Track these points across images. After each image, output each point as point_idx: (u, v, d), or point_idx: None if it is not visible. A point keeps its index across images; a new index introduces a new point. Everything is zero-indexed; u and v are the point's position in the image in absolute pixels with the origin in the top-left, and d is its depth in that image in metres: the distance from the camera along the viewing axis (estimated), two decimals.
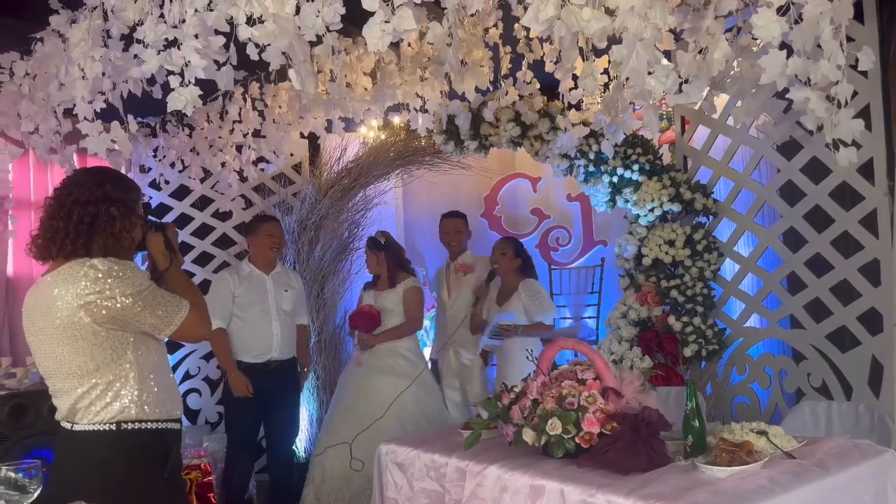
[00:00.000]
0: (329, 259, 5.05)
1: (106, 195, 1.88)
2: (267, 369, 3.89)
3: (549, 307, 3.99)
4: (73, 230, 1.80)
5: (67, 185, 1.91)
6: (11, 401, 3.26)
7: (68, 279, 1.76)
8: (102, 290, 1.74)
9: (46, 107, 3.60)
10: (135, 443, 1.80)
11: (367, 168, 4.92)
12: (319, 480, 3.81)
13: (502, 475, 1.94)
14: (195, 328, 1.90)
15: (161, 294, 1.85)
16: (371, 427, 3.60)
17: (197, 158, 4.54)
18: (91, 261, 1.78)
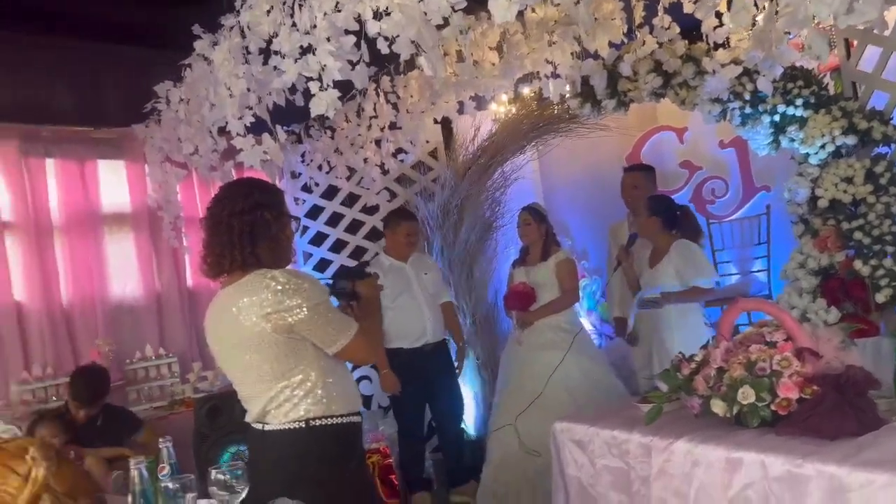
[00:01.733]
0: (474, 240, 5.07)
1: (257, 202, 1.95)
2: (423, 352, 4.02)
3: (705, 270, 3.66)
4: (237, 242, 1.90)
5: (219, 201, 2.00)
6: (208, 403, 3.57)
7: (250, 291, 1.85)
8: (282, 301, 1.83)
9: (202, 128, 3.85)
10: (323, 438, 1.89)
11: (502, 144, 4.87)
12: (498, 461, 3.84)
13: (692, 449, 1.83)
14: (358, 353, 1.97)
15: (334, 313, 1.92)
16: (543, 404, 3.60)
17: (341, 158, 4.69)
18: (272, 272, 1.87)
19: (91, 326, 4.38)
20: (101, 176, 4.57)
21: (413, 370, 3.98)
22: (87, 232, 4.45)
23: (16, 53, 3.67)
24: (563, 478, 2.19)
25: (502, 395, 4.06)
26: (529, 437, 3.71)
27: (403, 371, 3.96)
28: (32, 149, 4.30)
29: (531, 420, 3.74)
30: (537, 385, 3.80)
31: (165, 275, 4.73)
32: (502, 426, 3.84)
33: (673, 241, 3.70)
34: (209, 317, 1.99)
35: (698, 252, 3.69)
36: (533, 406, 3.78)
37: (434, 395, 4.17)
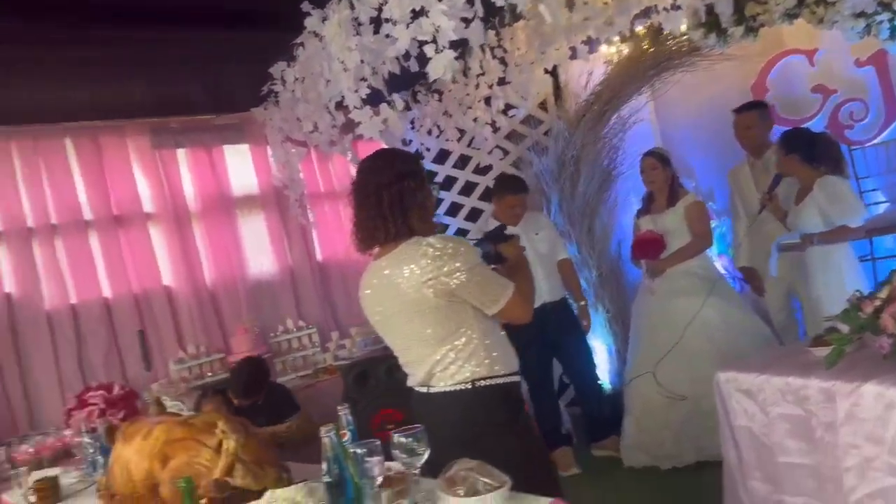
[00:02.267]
0: (593, 191, 4.94)
1: (401, 172, 1.97)
2: (543, 311, 3.95)
3: (853, 208, 3.36)
4: (388, 213, 1.92)
5: (364, 174, 2.02)
6: (354, 369, 3.70)
7: (408, 259, 1.88)
8: (441, 266, 1.84)
9: (319, 105, 3.91)
10: (489, 398, 1.92)
11: (616, 88, 4.68)
12: (639, 411, 3.79)
13: (884, 392, 1.71)
14: (516, 311, 1.96)
15: (489, 274, 1.93)
16: (682, 352, 3.51)
17: (450, 120, 4.66)
18: (426, 239, 1.89)
19: (234, 304, 4.64)
20: (228, 161, 4.78)
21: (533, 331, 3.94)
22: (222, 216, 4.69)
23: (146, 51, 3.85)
24: (732, 430, 2.12)
25: (637, 345, 4.00)
26: (670, 385, 3.65)
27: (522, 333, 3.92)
28: (164, 141, 4.56)
29: (670, 369, 3.68)
30: (674, 333, 3.69)
31: (296, 251, 4.92)
32: (640, 375, 3.77)
33: (817, 177, 3.42)
34: (366, 288, 2.03)
35: (845, 189, 3.38)
36: (671, 355, 3.69)
37: (561, 354, 4.14)
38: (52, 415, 3.97)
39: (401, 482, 1.58)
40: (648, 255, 3.96)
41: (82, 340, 4.18)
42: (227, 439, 1.81)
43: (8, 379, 3.96)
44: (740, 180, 4.12)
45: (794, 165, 3.51)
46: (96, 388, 3.70)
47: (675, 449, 3.67)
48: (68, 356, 4.11)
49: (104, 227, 4.32)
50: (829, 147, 3.57)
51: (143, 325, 4.33)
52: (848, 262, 3.42)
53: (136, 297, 4.37)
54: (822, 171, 3.44)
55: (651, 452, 3.75)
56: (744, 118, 4.00)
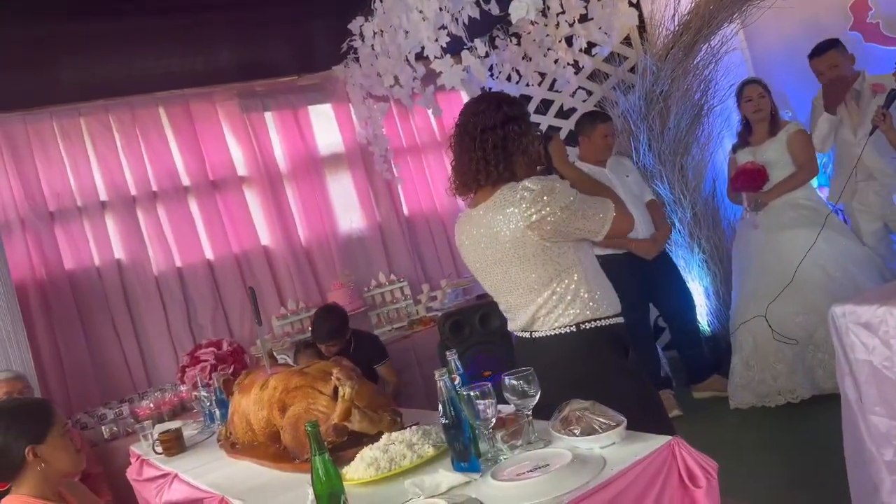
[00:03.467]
0: (685, 127, 4.74)
1: (507, 116, 1.93)
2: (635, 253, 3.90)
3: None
4: (492, 157, 1.90)
5: (468, 116, 1.98)
6: (450, 319, 3.76)
7: (507, 203, 1.86)
8: (542, 207, 1.82)
9: (399, 57, 3.91)
10: (596, 339, 1.90)
11: (707, 16, 4.43)
12: (750, 349, 3.68)
13: None
14: (622, 223, 1.93)
15: (589, 200, 1.89)
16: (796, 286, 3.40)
17: (530, 64, 4.57)
18: (522, 183, 1.86)
19: (328, 261, 4.77)
20: (313, 121, 4.86)
21: (627, 272, 3.88)
22: (311, 175, 4.79)
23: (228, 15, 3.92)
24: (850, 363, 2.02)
25: (745, 283, 3.85)
26: (783, 324, 3.52)
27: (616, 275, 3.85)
28: (252, 104, 4.67)
29: (783, 305, 3.54)
30: (786, 268, 3.55)
31: (383, 206, 4.99)
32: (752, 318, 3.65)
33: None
34: (462, 236, 2.03)
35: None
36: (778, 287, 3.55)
37: (657, 296, 4.06)
38: (167, 372, 4.23)
39: (514, 423, 1.60)
40: (751, 188, 3.79)
41: (189, 301, 4.41)
42: (342, 386, 1.88)
43: (124, 340, 4.23)
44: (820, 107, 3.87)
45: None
46: (206, 346, 3.91)
47: (788, 383, 3.56)
48: (178, 316, 4.35)
49: (202, 192, 4.50)
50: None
51: (245, 283, 4.52)
52: None
53: (237, 257, 4.55)
54: None
55: (761, 392, 3.65)
56: (826, 58, 3.72)
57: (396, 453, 1.64)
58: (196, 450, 2.67)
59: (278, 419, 2.05)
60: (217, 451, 2.49)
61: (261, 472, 2.07)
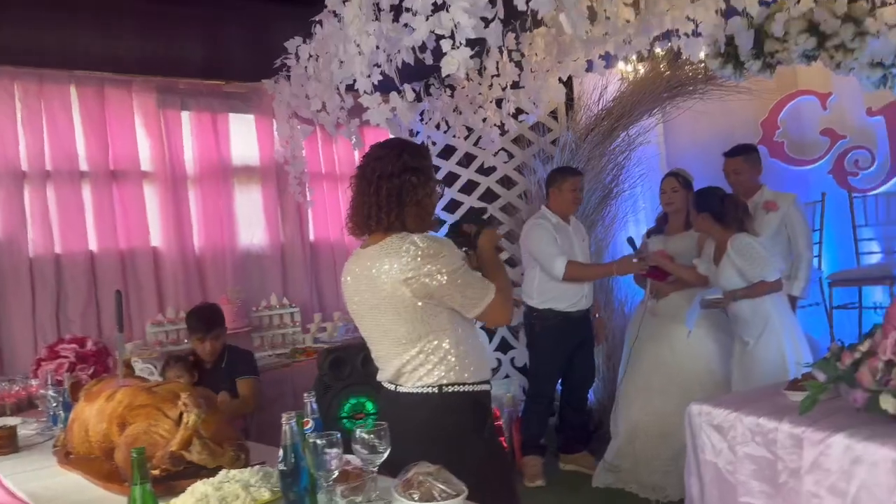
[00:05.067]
0: (593, 206, 4.93)
1: (406, 165, 1.94)
2: (573, 318, 3.98)
3: (766, 264, 3.36)
4: (384, 204, 1.89)
5: (369, 161, 1.99)
6: (332, 354, 3.68)
7: (391, 253, 1.85)
8: (422, 267, 1.82)
9: (330, 85, 3.88)
10: (456, 404, 1.90)
11: (629, 106, 4.66)
12: (629, 436, 3.75)
13: (853, 445, 1.70)
14: (497, 313, 1.93)
15: (472, 276, 1.90)
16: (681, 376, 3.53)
17: (460, 117, 4.63)
18: (412, 237, 1.86)
19: (220, 273, 4.61)
20: (231, 129, 4.74)
21: (561, 334, 3.96)
22: (219, 183, 4.65)
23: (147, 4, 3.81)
24: (698, 463, 2.11)
25: (634, 369, 3.93)
26: (665, 419, 3.60)
27: (552, 334, 3.94)
28: (170, 101, 4.51)
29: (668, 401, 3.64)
30: (676, 362, 3.69)
31: (289, 227, 4.89)
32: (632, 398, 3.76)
33: (729, 236, 3.43)
34: (347, 274, 2.01)
35: (755, 247, 3.38)
36: (666, 380, 3.70)
37: (572, 363, 4.11)
38: (23, 363, 3.93)
39: (357, 478, 1.56)
40: (657, 276, 3.94)
41: (62, 291, 4.13)
42: (188, 412, 1.78)
43: None
44: None
45: (707, 225, 3.55)
46: (69, 341, 3.66)
47: (662, 481, 3.59)
48: (47, 305, 4.06)
49: (98, 180, 4.26)
50: (735, 207, 3.55)
51: (126, 282, 4.29)
52: (777, 311, 3.42)
53: (122, 253, 4.32)
54: (733, 230, 3.45)
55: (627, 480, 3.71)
56: (732, 162, 4.02)
57: (229, 492, 1.56)
58: (30, 452, 2.46)
59: (116, 435, 1.93)
60: (51, 458, 2.31)
61: (88, 489, 1.93)
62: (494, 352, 5.04)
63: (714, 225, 3.53)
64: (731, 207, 3.55)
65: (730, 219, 3.50)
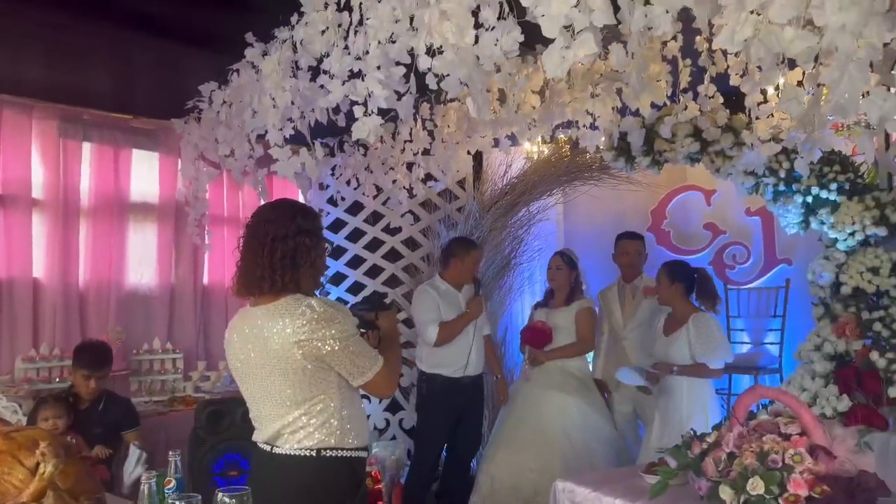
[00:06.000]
0: (491, 275, 5.08)
1: (299, 228, 1.96)
2: (461, 384, 4.04)
3: (719, 349, 3.53)
4: (279, 266, 1.91)
5: (261, 222, 1.99)
6: (210, 407, 3.57)
7: (285, 314, 1.87)
8: (316, 330, 1.85)
9: (241, 133, 3.90)
10: (332, 469, 1.91)
11: (531, 184, 4.90)
12: (487, 490, 3.88)
13: None
14: (381, 386, 1.98)
15: (363, 345, 1.94)
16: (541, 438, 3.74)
17: (370, 176, 4.73)
18: (308, 300, 1.88)
19: (103, 311, 4.42)
20: (133, 164, 4.63)
21: (448, 400, 4.01)
22: (113, 217, 4.51)
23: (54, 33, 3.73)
24: None
25: (501, 428, 4.11)
26: (516, 474, 3.78)
27: (438, 399, 3.99)
28: (72, 130, 4.37)
29: (524, 458, 3.82)
30: (539, 424, 3.87)
31: (182, 270, 4.76)
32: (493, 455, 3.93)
33: (693, 312, 3.61)
34: (234, 332, 2.00)
35: (715, 330, 3.56)
36: (527, 442, 3.87)
37: (458, 429, 4.14)
38: None
39: None
40: (535, 344, 4.13)
41: None
42: (45, 462, 1.70)
43: None
44: (609, 300, 4.38)
45: (675, 296, 3.70)
46: None
47: None
48: None
49: None
50: (709, 284, 3.81)
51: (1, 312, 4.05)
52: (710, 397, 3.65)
53: (0, 281, 4.09)
54: (698, 307, 3.65)
55: None
56: (624, 244, 4.30)
57: None
58: None
59: None
60: None
61: None
62: (384, 412, 5.03)
63: (682, 298, 3.65)
64: (704, 284, 3.72)
65: (702, 295, 3.66)
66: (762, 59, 2.15)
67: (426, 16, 2.53)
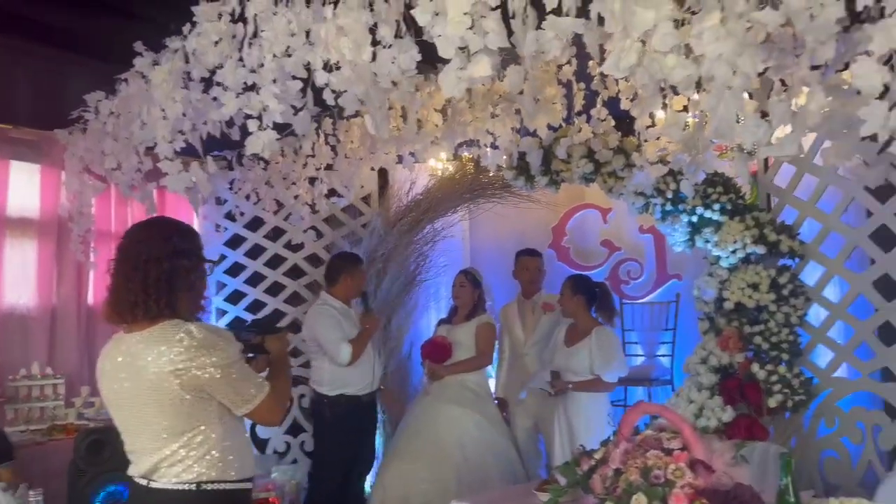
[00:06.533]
0: (396, 291, 5.06)
1: (175, 248, 1.87)
2: (362, 402, 3.98)
3: (615, 364, 3.67)
4: (153, 290, 1.80)
5: (133, 242, 1.88)
6: (90, 436, 3.35)
7: (162, 341, 1.77)
8: (195, 358, 1.75)
9: (129, 145, 3.72)
10: (212, 502, 1.81)
11: (436, 201, 4.92)
12: (379, 501, 3.87)
13: None
14: (267, 414, 1.91)
15: (245, 372, 1.86)
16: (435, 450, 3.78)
17: (271, 191, 4.62)
18: (186, 326, 1.79)
19: None
20: (11, 177, 4.32)
21: (352, 420, 3.93)
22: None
23: None
24: None
25: (396, 440, 4.14)
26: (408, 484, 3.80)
27: (342, 421, 3.88)
28: None
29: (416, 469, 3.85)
30: (433, 437, 3.91)
31: (65, 289, 4.47)
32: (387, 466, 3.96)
33: (595, 325, 3.73)
34: (106, 360, 1.87)
35: (616, 344, 3.71)
36: (424, 455, 3.89)
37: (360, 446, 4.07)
38: None
39: None
40: (434, 358, 4.16)
41: None
42: None
43: None
44: (509, 316, 4.46)
45: (578, 308, 3.81)
46: None
47: None
48: None
49: None
50: (608, 298, 3.95)
51: None
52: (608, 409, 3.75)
53: None
54: (600, 321, 3.78)
55: None
56: (524, 261, 4.41)
57: None
58: None
59: None
60: None
61: None
62: (284, 434, 4.88)
63: (584, 310, 3.75)
64: (606, 298, 3.83)
65: (602, 308, 3.77)
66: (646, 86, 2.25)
67: (322, 31, 2.50)
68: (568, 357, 3.75)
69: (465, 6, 2.09)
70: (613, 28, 2.05)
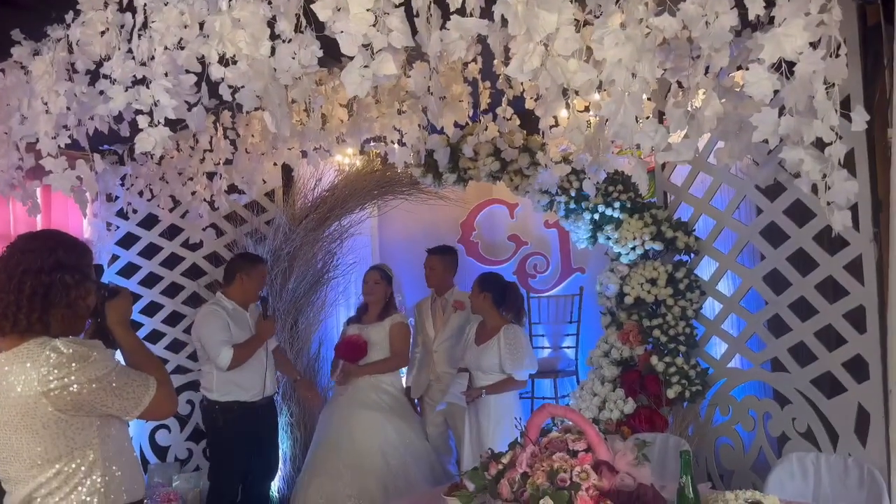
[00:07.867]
0: (303, 290, 4.93)
1: (59, 262, 1.74)
2: (256, 407, 3.80)
3: (525, 362, 3.66)
4: (26, 303, 1.67)
5: (15, 252, 1.76)
6: None
7: (28, 361, 1.63)
8: (67, 376, 1.62)
9: (7, 140, 3.44)
10: None
11: (342, 197, 4.82)
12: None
13: None
14: (163, 406, 1.80)
15: (127, 374, 1.74)
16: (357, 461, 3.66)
17: (166, 187, 4.39)
18: (53, 342, 1.65)
19: None
20: None
21: (246, 427, 3.74)
22: None
23: None
24: None
25: (315, 452, 3.97)
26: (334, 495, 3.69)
27: (238, 427, 3.70)
28: None
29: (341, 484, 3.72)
30: (353, 447, 3.78)
31: None
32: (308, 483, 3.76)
33: (504, 323, 3.72)
34: None
35: (523, 342, 3.69)
36: (344, 464, 3.77)
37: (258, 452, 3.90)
38: None
39: None
40: (349, 358, 4.04)
41: None
42: None
43: None
44: (422, 312, 4.43)
45: (485, 305, 3.79)
46: None
47: None
48: None
49: None
50: (516, 297, 3.95)
51: None
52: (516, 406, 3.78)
53: None
54: (508, 319, 3.78)
55: None
56: (428, 259, 4.34)
57: None
58: None
59: None
60: None
61: None
62: (186, 441, 4.68)
63: (492, 307, 3.71)
64: (514, 296, 3.79)
65: (509, 306, 3.73)
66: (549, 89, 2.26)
67: (217, 23, 2.38)
68: (478, 355, 3.74)
69: (367, 2, 2.04)
70: (517, 31, 2.05)
